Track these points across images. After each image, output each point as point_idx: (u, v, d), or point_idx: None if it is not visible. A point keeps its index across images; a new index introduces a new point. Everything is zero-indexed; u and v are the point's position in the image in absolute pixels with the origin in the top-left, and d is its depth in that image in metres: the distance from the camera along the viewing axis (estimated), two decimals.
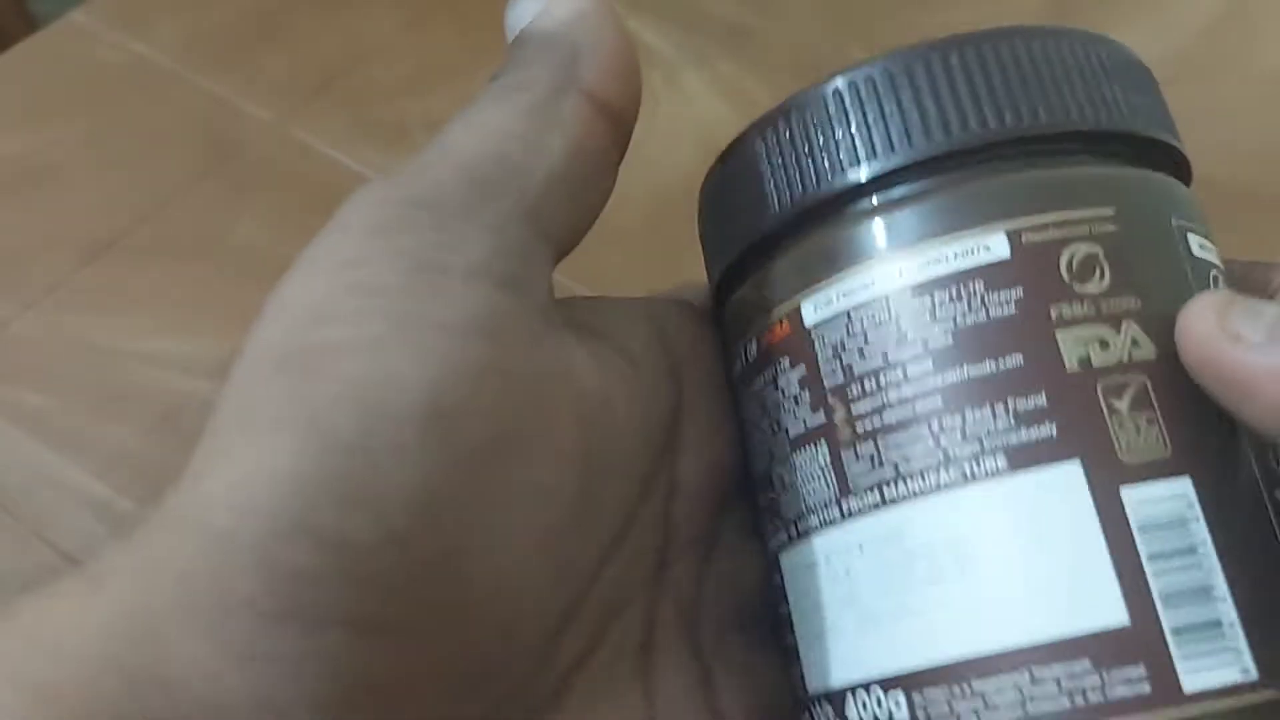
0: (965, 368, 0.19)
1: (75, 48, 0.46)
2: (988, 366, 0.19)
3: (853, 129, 0.20)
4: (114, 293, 0.39)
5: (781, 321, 0.21)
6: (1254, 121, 0.41)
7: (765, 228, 0.22)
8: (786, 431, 0.21)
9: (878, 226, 0.20)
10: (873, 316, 0.20)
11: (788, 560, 0.21)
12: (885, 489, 0.19)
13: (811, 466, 0.20)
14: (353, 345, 0.17)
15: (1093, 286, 0.19)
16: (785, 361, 0.21)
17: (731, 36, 0.47)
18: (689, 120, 0.44)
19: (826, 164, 0.21)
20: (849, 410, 0.20)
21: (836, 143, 0.21)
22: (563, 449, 0.19)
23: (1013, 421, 0.19)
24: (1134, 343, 0.19)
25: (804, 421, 0.21)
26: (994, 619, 0.18)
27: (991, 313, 0.19)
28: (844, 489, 0.20)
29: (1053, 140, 0.20)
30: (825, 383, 0.20)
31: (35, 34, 0.46)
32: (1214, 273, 0.20)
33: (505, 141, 0.20)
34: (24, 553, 0.33)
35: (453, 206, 0.19)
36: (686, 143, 0.42)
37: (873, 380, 0.20)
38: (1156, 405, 0.18)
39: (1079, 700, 0.17)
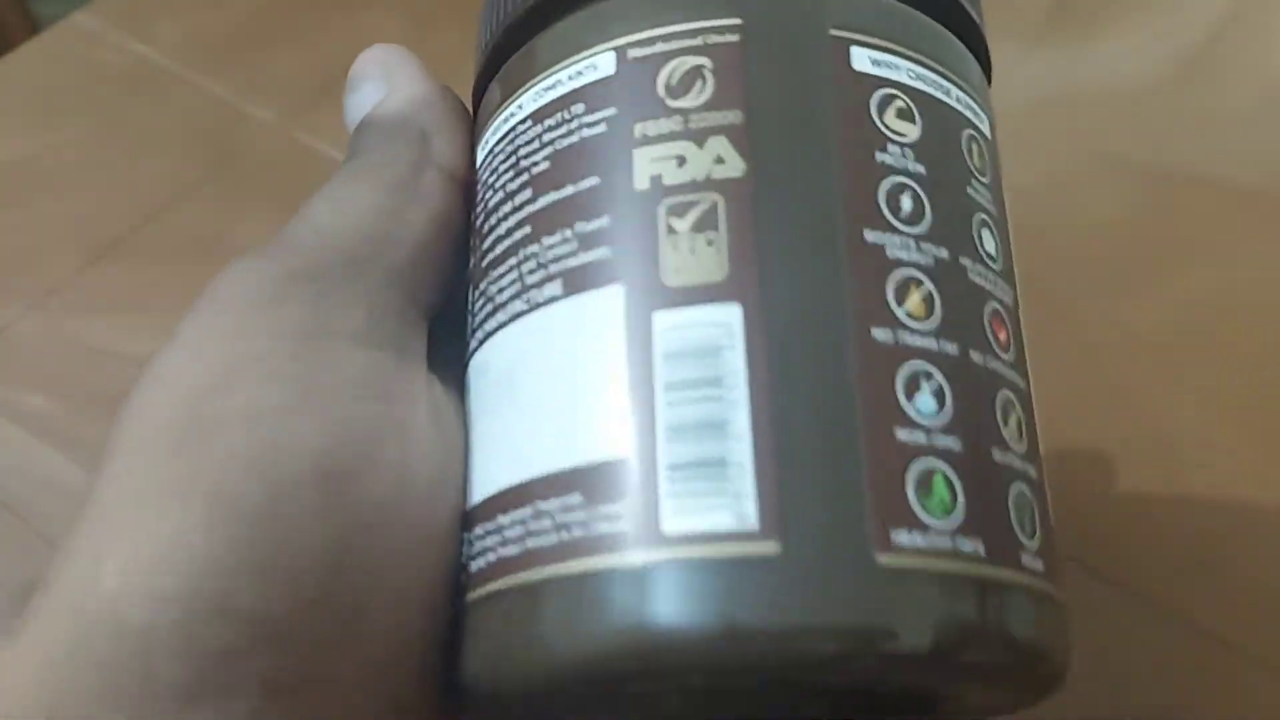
0: (551, 194, 0.18)
1: (78, 49, 0.46)
2: (567, 190, 0.18)
3: None
4: (116, 294, 0.39)
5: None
6: (1260, 124, 0.41)
7: (476, 89, 0.22)
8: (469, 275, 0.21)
9: (519, 62, 0.20)
10: (502, 151, 0.20)
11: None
12: (487, 323, 0.19)
13: (471, 305, 0.20)
14: (248, 414, 0.17)
15: (689, 101, 0.17)
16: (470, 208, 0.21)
17: None
18: None
19: (494, 17, 0.21)
20: (481, 247, 0.20)
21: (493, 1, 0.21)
22: (454, 500, 0.19)
23: (576, 246, 0.17)
24: (718, 159, 0.17)
25: (469, 264, 0.21)
26: (519, 451, 0.17)
27: (584, 134, 0.18)
28: (471, 327, 0.20)
29: None
30: (475, 224, 0.20)
31: (38, 36, 0.46)
32: (885, 90, 0.18)
33: (371, 216, 0.20)
34: (25, 553, 0.33)
35: (328, 279, 0.19)
36: None
37: (494, 215, 0.19)
38: (725, 226, 0.17)
39: (563, 535, 0.16)
